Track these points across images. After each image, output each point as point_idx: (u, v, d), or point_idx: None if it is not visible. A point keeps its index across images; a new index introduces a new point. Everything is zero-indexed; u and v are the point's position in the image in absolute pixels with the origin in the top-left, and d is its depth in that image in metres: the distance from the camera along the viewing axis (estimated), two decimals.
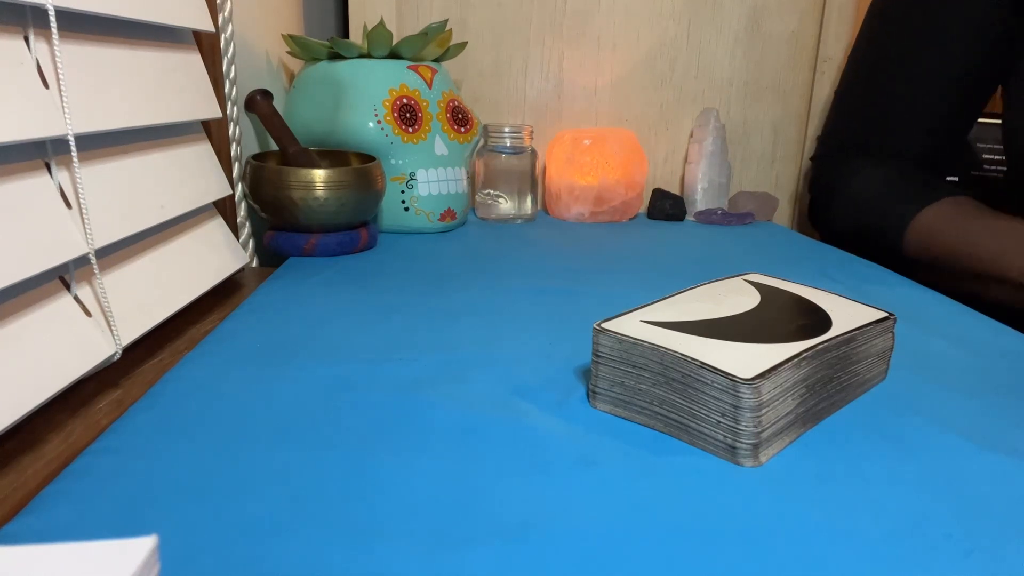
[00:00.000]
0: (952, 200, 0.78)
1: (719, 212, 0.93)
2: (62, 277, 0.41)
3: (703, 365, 0.34)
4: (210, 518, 0.28)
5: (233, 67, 0.65)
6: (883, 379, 0.44)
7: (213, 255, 0.58)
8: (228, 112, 0.65)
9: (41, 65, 0.39)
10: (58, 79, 0.39)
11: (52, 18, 0.38)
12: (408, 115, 0.77)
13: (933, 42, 0.81)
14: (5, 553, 0.18)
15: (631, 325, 0.38)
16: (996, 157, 1.06)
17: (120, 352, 0.42)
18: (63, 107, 0.39)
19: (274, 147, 0.79)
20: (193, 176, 0.56)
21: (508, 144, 0.87)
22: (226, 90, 0.65)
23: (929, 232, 0.77)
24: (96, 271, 0.41)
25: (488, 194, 0.89)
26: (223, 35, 0.64)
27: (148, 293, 0.47)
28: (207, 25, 0.57)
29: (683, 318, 0.39)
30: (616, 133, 0.93)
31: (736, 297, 0.43)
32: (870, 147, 0.87)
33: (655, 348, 0.36)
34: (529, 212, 0.90)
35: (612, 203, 0.91)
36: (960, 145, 0.86)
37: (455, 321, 0.52)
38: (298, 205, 0.66)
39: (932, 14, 0.81)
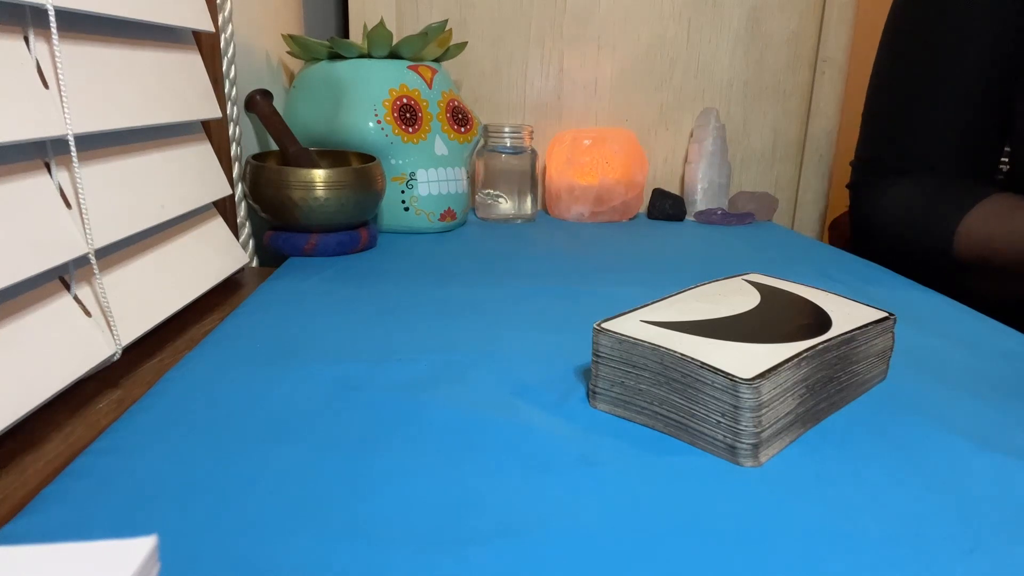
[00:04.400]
0: (999, 196, 0.75)
1: (719, 212, 0.93)
2: (62, 277, 0.41)
3: (703, 365, 0.34)
4: (210, 518, 0.28)
5: (233, 67, 0.65)
6: (883, 379, 0.44)
7: (213, 255, 0.58)
8: (228, 112, 0.65)
9: (41, 65, 0.39)
10: (58, 79, 0.39)
11: (52, 18, 0.38)
12: (408, 115, 0.77)
13: (953, 53, 0.79)
14: (5, 553, 0.18)
15: (631, 325, 0.38)
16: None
17: (120, 352, 0.42)
18: (63, 107, 0.39)
19: (274, 147, 0.79)
20: (193, 176, 0.56)
21: (508, 144, 0.87)
22: (226, 90, 0.65)
23: (979, 232, 0.74)
24: (96, 271, 0.41)
25: (488, 194, 0.89)
26: (223, 35, 0.64)
27: (148, 293, 0.47)
28: (207, 25, 0.57)
29: (683, 318, 0.39)
30: (616, 133, 0.93)
31: (736, 297, 0.43)
32: (905, 166, 0.84)
33: (655, 348, 0.36)
34: (529, 212, 0.90)
35: (612, 203, 0.91)
36: (997, 153, 0.83)
37: (455, 321, 0.52)
38: (298, 205, 0.66)
39: (948, 25, 0.79)
